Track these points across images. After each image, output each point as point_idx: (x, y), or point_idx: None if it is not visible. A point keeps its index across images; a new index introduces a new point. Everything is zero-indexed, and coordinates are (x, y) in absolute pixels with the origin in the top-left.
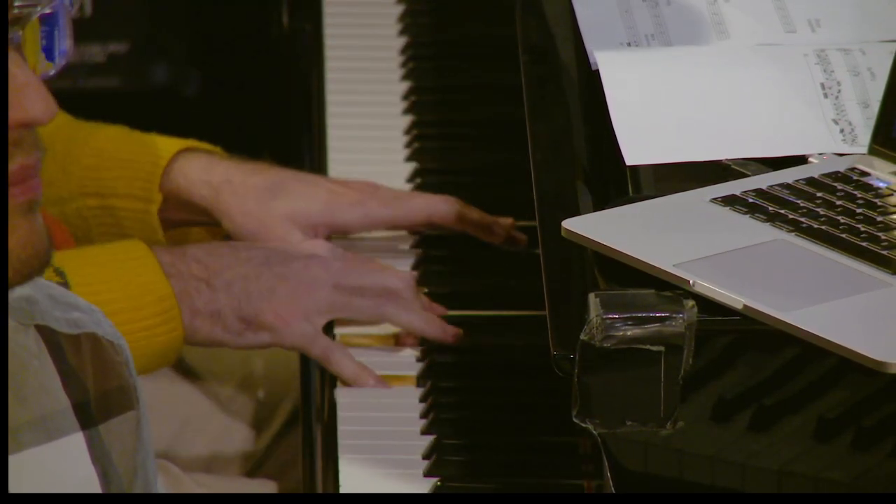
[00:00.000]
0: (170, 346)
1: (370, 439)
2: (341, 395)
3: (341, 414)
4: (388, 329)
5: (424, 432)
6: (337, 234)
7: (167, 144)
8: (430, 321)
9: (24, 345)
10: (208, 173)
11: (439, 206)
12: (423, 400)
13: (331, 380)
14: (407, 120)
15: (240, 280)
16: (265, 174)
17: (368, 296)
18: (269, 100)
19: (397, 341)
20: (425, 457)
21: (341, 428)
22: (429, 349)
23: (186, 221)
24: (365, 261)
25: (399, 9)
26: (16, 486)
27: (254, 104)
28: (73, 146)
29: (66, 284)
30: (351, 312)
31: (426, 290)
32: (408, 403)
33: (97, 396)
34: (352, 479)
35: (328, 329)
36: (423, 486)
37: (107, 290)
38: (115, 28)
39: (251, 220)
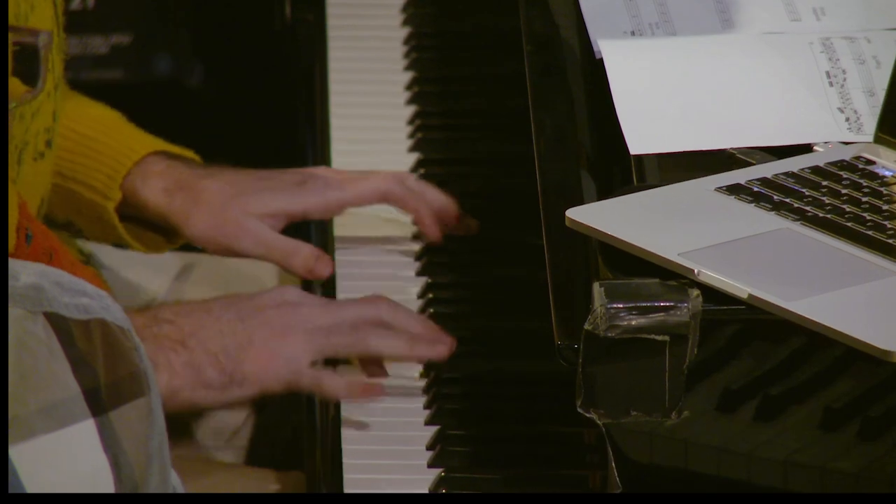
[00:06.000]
0: None
1: (374, 430)
2: None
3: (345, 405)
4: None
5: (428, 423)
6: (297, 221)
7: (142, 143)
8: (415, 343)
9: (33, 332)
10: (164, 179)
11: (391, 189)
12: (426, 390)
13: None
14: (410, 110)
15: (215, 337)
16: (219, 175)
17: (346, 332)
18: (272, 91)
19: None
20: (429, 447)
21: (345, 417)
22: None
23: (143, 222)
24: (335, 302)
25: None
26: (28, 473)
27: (257, 95)
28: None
29: None
30: (333, 351)
31: (429, 280)
32: (411, 394)
33: (108, 383)
34: (355, 469)
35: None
36: (427, 476)
37: None
38: (117, 20)
39: (207, 223)
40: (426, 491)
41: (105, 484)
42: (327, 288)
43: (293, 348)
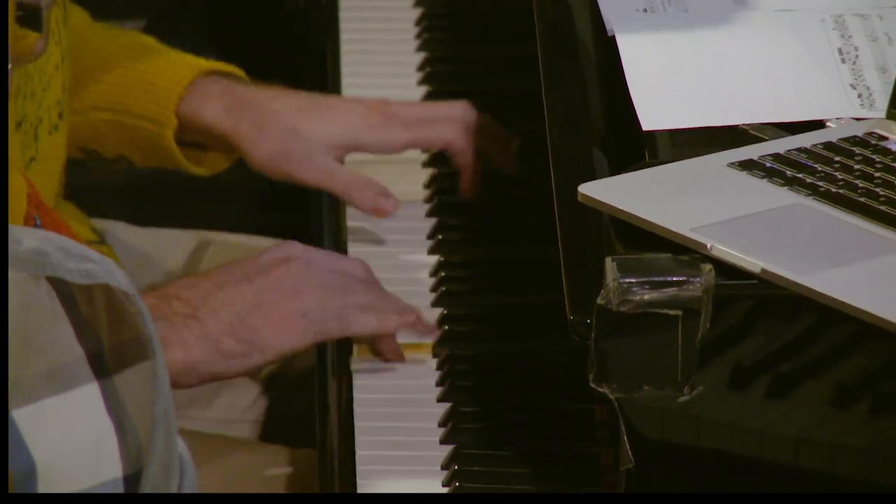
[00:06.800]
0: None
1: (386, 406)
2: (357, 363)
3: (357, 382)
4: None
5: (440, 399)
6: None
7: (187, 66)
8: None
9: (36, 296)
10: (225, 99)
11: (455, 142)
12: (439, 367)
13: (346, 350)
14: (422, 91)
15: (225, 305)
16: (284, 99)
17: (358, 306)
18: (285, 74)
19: None
20: (441, 424)
21: (357, 396)
22: (444, 317)
23: (203, 144)
24: (336, 259)
25: None
26: (32, 436)
27: (269, 78)
28: (92, 58)
29: None
30: (344, 319)
31: (441, 259)
32: (423, 371)
33: (111, 347)
34: (367, 446)
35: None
36: (439, 453)
37: None
38: (129, 6)
39: (272, 147)
40: (438, 468)
41: (109, 447)
42: None
43: (306, 304)
